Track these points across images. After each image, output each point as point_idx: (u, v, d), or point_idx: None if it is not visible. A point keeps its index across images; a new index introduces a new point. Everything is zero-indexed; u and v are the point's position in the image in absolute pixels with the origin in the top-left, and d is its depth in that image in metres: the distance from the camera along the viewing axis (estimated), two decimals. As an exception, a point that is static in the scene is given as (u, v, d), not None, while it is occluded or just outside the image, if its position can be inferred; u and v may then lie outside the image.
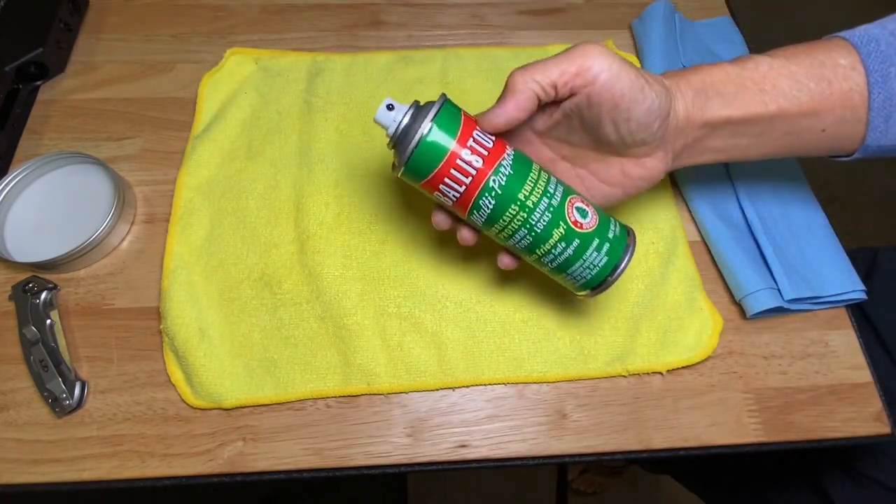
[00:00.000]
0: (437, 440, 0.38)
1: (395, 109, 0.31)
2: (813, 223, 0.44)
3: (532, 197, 0.31)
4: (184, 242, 0.42)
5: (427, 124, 0.30)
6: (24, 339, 0.38)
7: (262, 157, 0.46)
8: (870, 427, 0.39)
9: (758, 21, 1.74)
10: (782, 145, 0.35)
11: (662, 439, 0.38)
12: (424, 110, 0.31)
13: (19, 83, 0.48)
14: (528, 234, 0.32)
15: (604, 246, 0.33)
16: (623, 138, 0.32)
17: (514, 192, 0.31)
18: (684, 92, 0.33)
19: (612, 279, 0.33)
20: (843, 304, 0.42)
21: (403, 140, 0.31)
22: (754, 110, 0.33)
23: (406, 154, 0.30)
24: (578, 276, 0.33)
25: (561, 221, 0.32)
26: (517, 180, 0.31)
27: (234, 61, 0.51)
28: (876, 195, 1.40)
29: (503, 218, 0.32)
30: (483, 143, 0.31)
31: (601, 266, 0.33)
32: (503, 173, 0.31)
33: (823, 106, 0.33)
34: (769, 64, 0.33)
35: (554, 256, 0.33)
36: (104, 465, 0.36)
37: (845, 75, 0.32)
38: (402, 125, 0.31)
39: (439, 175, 0.31)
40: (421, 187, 0.32)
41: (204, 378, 0.38)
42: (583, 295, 0.35)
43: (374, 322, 0.40)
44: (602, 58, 0.30)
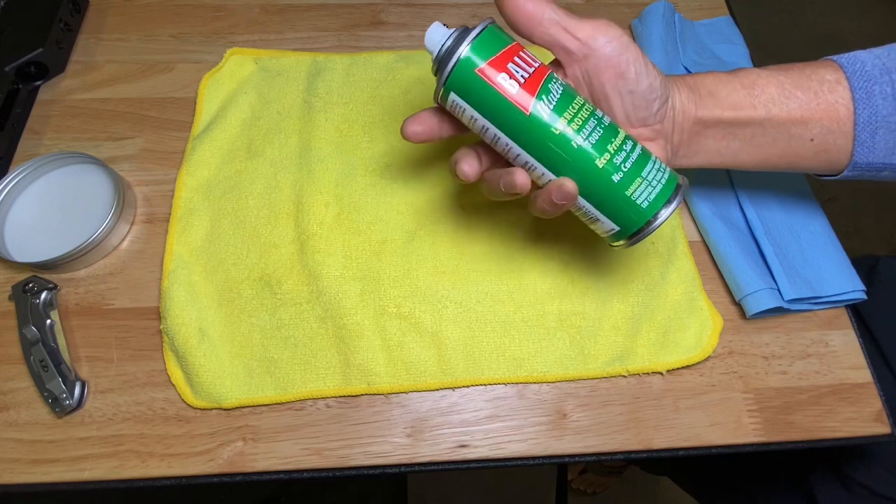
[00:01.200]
0: (437, 440, 0.38)
1: (444, 32, 0.31)
2: (813, 223, 0.44)
3: (588, 101, 0.32)
4: (184, 242, 0.42)
5: (481, 29, 0.30)
6: (24, 339, 0.38)
7: (262, 157, 0.46)
8: (870, 427, 0.39)
9: (758, 21, 1.74)
10: (773, 153, 0.36)
11: (662, 439, 0.38)
12: (468, 33, 0.30)
13: (19, 83, 0.48)
14: (598, 125, 0.31)
15: (660, 164, 0.32)
16: (627, 113, 0.33)
17: (573, 90, 0.31)
18: (680, 87, 0.34)
19: (670, 208, 0.31)
20: (843, 304, 0.42)
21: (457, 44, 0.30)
22: (744, 112, 0.34)
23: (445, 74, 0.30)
24: (650, 183, 0.31)
25: (619, 129, 0.32)
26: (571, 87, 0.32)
27: (234, 61, 0.51)
28: (876, 195, 1.40)
29: (574, 103, 0.31)
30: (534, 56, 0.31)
31: (668, 175, 0.32)
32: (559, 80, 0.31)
33: (811, 115, 0.34)
34: (758, 73, 0.35)
35: (626, 154, 0.31)
36: (104, 465, 0.36)
37: (831, 88, 0.34)
38: (452, 39, 0.31)
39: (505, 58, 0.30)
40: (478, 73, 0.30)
41: (204, 378, 0.38)
42: (619, 244, 0.33)
43: (374, 322, 0.40)
44: (613, 29, 0.32)
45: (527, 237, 0.44)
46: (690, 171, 0.46)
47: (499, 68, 0.30)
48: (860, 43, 0.37)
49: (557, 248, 0.43)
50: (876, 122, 0.33)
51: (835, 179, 0.37)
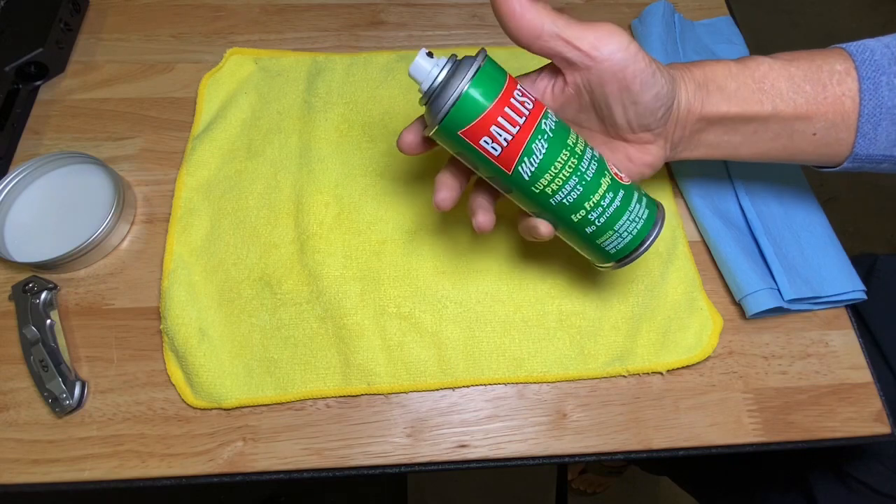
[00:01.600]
0: (437, 440, 0.38)
1: (434, 62, 0.30)
2: (813, 223, 0.44)
3: (579, 145, 0.32)
4: (184, 242, 0.42)
5: (470, 76, 0.29)
6: (24, 339, 0.38)
7: (262, 157, 0.46)
8: (870, 427, 0.39)
9: (758, 21, 1.74)
10: (774, 147, 0.36)
11: (662, 439, 0.38)
12: (465, 63, 0.30)
13: (19, 83, 0.48)
14: (579, 183, 0.31)
15: (643, 199, 0.33)
16: (629, 122, 0.33)
17: (563, 138, 0.31)
18: (687, 83, 0.34)
19: (644, 246, 0.33)
20: (843, 304, 0.42)
21: (443, 93, 0.29)
22: (751, 109, 0.34)
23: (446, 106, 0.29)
24: (620, 235, 0.33)
25: (606, 171, 0.32)
26: (563, 129, 0.31)
27: (234, 61, 0.51)
28: (876, 195, 1.40)
29: (555, 165, 0.31)
30: (527, 95, 0.31)
31: (644, 219, 0.33)
32: (552, 120, 0.31)
33: (817, 109, 0.34)
34: (769, 65, 0.34)
35: (602, 209, 0.32)
36: (104, 465, 0.36)
37: (840, 80, 0.33)
38: (441, 78, 0.30)
39: (485, 123, 0.29)
40: (461, 135, 0.30)
41: (204, 378, 0.38)
42: (607, 267, 0.35)
43: (374, 322, 0.40)
44: (620, 37, 0.31)
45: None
46: (691, 170, 0.46)
47: (482, 132, 0.30)
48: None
49: (558, 249, 0.43)
50: (880, 114, 0.33)
51: (833, 171, 0.37)
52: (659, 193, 0.46)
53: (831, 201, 1.38)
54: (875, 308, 0.46)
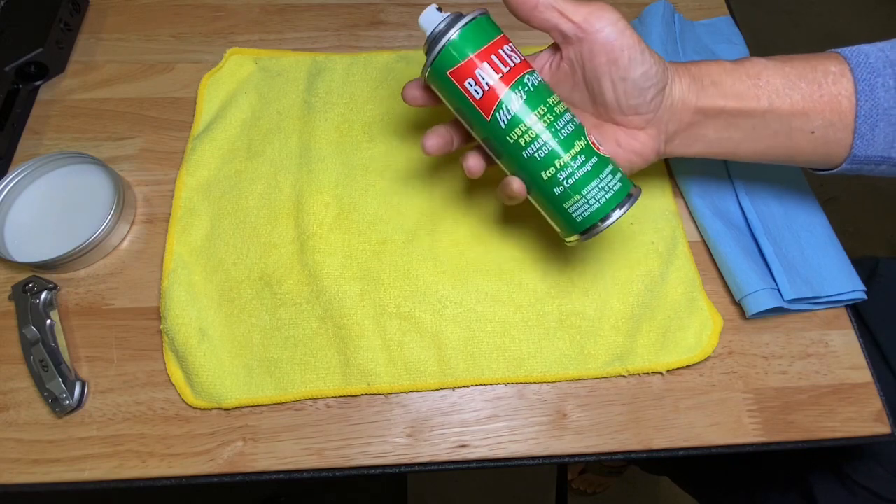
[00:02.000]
0: (437, 440, 0.38)
1: (440, 14, 0.33)
2: (813, 223, 0.44)
3: (558, 106, 0.33)
4: (184, 242, 0.42)
5: (464, 23, 0.31)
6: (24, 339, 0.38)
7: (262, 157, 0.46)
8: (870, 427, 0.39)
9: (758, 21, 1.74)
10: (773, 145, 0.36)
11: (662, 439, 0.38)
12: (464, 16, 0.32)
13: (19, 83, 0.48)
14: (552, 138, 0.32)
15: (617, 173, 0.33)
16: (619, 99, 0.33)
17: (543, 95, 0.32)
18: (682, 76, 0.34)
19: (609, 220, 0.33)
20: (843, 304, 0.42)
21: (440, 36, 0.32)
22: (747, 103, 0.34)
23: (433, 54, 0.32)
24: (588, 202, 0.33)
25: (582, 136, 0.33)
26: (545, 89, 0.33)
27: (234, 61, 0.51)
28: (876, 195, 1.40)
29: (530, 117, 0.32)
30: (516, 51, 0.33)
31: (615, 191, 0.33)
32: (536, 78, 0.33)
33: (813, 107, 0.34)
34: (764, 64, 0.35)
35: (572, 171, 0.32)
36: (104, 465, 0.36)
37: (835, 80, 0.34)
38: (442, 25, 0.32)
39: (471, 65, 0.32)
40: (449, 75, 0.32)
41: (204, 378, 0.38)
42: (573, 241, 0.35)
43: (374, 322, 0.40)
44: (610, 13, 0.32)
45: (527, 237, 0.44)
46: (691, 169, 0.46)
47: (467, 73, 0.32)
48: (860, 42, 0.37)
49: (558, 249, 0.43)
50: (877, 115, 0.33)
51: (832, 174, 0.37)
52: (659, 193, 0.46)
53: (831, 201, 1.38)
54: (877, 311, 0.46)
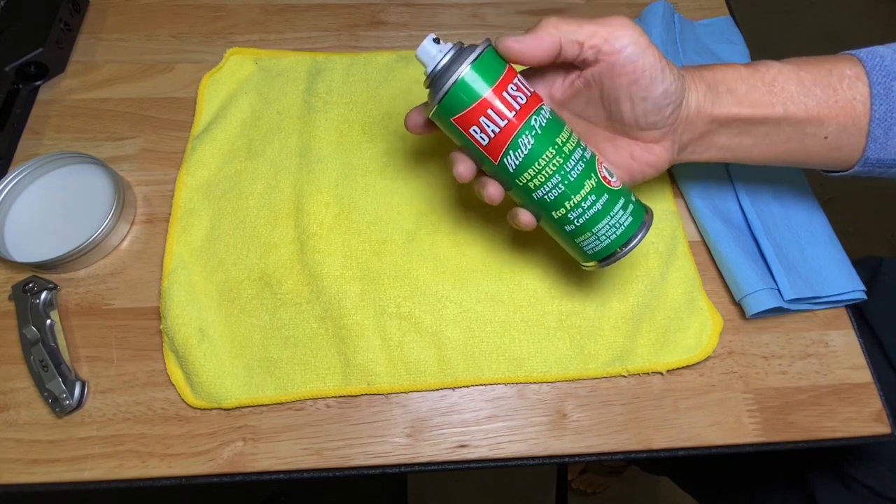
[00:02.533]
0: (437, 440, 0.38)
1: (439, 48, 0.31)
2: (813, 223, 0.44)
3: (568, 144, 0.32)
4: (184, 242, 0.42)
5: (466, 67, 0.30)
6: (24, 339, 0.38)
7: (262, 157, 0.46)
8: (870, 427, 0.39)
9: (758, 21, 1.74)
10: (785, 150, 0.36)
11: (662, 439, 0.38)
12: (466, 52, 0.31)
13: (19, 83, 0.48)
14: (562, 181, 0.32)
15: (629, 206, 0.33)
16: (637, 118, 0.33)
17: (552, 136, 0.31)
18: (697, 85, 0.34)
19: (624, 251, 0.33)
20: (843, 304, 0.42)
21: (440, 78, 0.31)
22: (762, 111, 0.34)
23: (441, 93, 0.31)
24: (598, 238, 0.33)
25: (592, 174, 0.32)
26: (555, 126, 0.32)
27: (234, 61, 0.51)
28: (876, 195, 1.40)
29: (539, 161, 0.31)
30: (523, 89, 0.31)
31: (625, 226, 0.33)
32: (544, 116, 0.32)
33: (828, 113, 0.34)
34: (779, 68, 0.34)
35: (583, 210, 0.32)
36: (104, 465, 0.36)
37: (850, 84, 0.33)
38: (442, 64, 0.31)
39: (475, 112, 0.31)
40: (454, 122, 0.32)
41: (204, 378, 0.38)
42: (590, 266, 0.35)
43: (374, 322, 0.40)
44: (632, 31, 0.31)
45: (527, 237, 0.44)
46: (691, 170, 0.46)
47: (472, 120, 0.31)
48: (860, 43, 0.37)
49: (558, 248, 0.43)
50: (891, 119, 0.33)
51: (843, 176, 0.37)
52: (659, 193, 0.46)
53: (831, 201, 1.38)
54: (879, 310, 0.46)
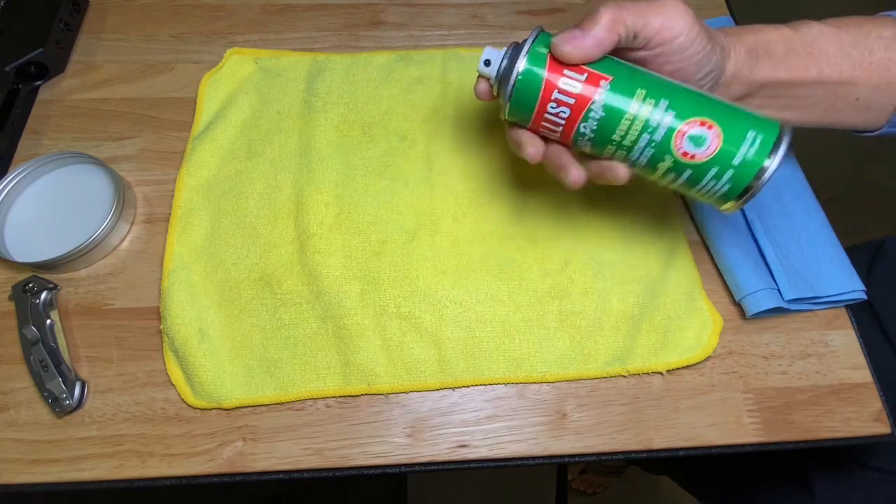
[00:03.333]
0: (437, 440, 0.38)
1: (494, 57, 0.32)
2: (813, 223, 0.44)
3: (628, 137, 0.31)
4: (184, 242, 0.42)
5: (524, 59, 0.31)
6: (24, 339, 0.38)
7: (262, 157, 0.46)
8: (870, 427, 0.39)
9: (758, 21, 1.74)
10: (817, 111, 0.36)
11: (662, 439, 0.38)
12: (522, 46, 0.31)
13: (19, 83, 0.48)
14: (648, 144, 0.30)
15: (725, 173, 0.30)
16: None
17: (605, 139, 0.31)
18: (737, 51, 0.34)
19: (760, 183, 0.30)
20: (843, 304, 0.42)
21: (506, 78, 0.31)
22: (797, 74, 0.34)
23: (509, 89, 0.31)
24: (707, 194, 0.32)
25: (667, 155, 0.31)
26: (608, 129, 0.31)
27: (234, 61, 0.51)
28: (876, 195, 1.40)
29: (616, 132, 0.31)
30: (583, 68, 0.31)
31: (727, 189, 0.31)
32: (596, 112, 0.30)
33: (861, 74, 0.34)
34: (820, 30, 0.35)
35: (670, 181, 0.32)
36: (104, 465, 0.36)
37: (886, 45, 0.34)
38: (504, 65, 0.32)
39: (545, 98, 0.31)
40: (532, 115, 0.32)
41: (204, 378, 0.38)
42: (728, 208, 0.32)
43: (374, 322, 0.40)
44: (684, 20, 0.31)
45: (527, 237, 0.44)
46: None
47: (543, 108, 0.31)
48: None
49: (558, 248, 0.43)
50: None
51: (871, 136, 0.38)
52: (660, 194, 0.46)
53: (831, 201, 1.38)
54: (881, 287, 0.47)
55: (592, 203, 0.45)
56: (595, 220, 0.44)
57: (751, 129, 0.30)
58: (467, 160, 0.47)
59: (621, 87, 0.30)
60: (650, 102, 0.30)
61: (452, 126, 0.48)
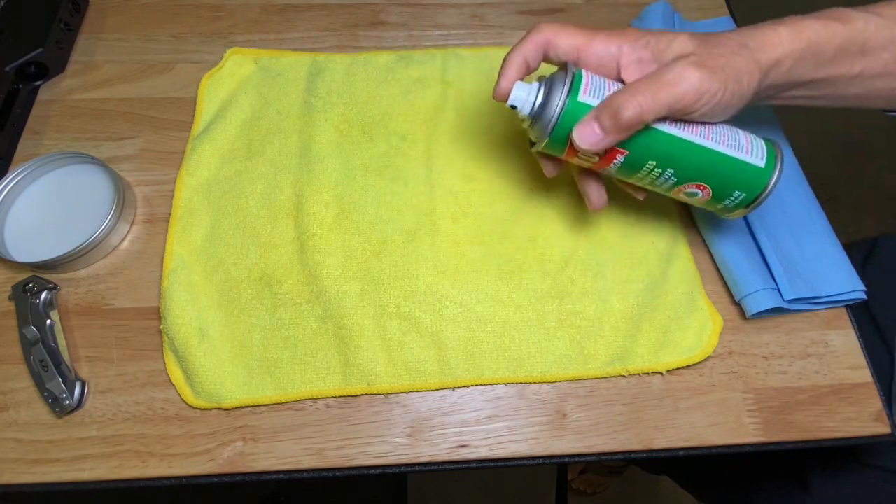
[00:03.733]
0: (437, 440, 0.38)
1: (527, 88, 0.34)
2: (813, 223, 0.44)
3: (646, 179, 0.35)
4: (184, 242, 0.42)
5: (564, 100, 0.32)
6: (24, 339, 0.38)
7: (262, 157, 0.46)
8: (870, 427, 0.39)
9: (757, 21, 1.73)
10: (848, 97, 0.36)
11: (662, 439, 0.38)
12: (559, 85, 0.33)
13: (19, 83, 0.48)
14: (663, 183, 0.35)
15: (709, 209, 0.37)
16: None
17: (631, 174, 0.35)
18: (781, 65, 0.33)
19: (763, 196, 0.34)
20: (843, 303, 0.42)
21: (542, 115, 0.33)
22: (840, 70, 0.34)
23: (549, 128, 0.33)
24: (724, 210, 0.37)
25: (668, 197, 0.37)
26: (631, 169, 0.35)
27: (234, 61, 0.51)
28: (876, 195, 1.40)
29: (635, 177, 0.35)
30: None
31: (739, 202, 0.35)
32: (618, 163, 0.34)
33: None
34: (876, 24, 0.33)
35: (698, 195, 0.36)
36: (104, 465, 0.36)
37: None
38: (539, 102, 0.33)
39: (572, 151, 0.34)
40: (566, 149, 0.34)
41: (204, 378, 0.38)
42: (737, 215, 0.37)
43: (374, 322, 0.40)
44: (701, 85, 0.30)
45: (527, 237, 0.44)
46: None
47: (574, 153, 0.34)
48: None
49: (558, 248, 0.43)
50: None
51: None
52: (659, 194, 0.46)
53: (831, 201, 1.38)
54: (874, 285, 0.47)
55: (592, 203, 0.45)
56: (595, 220, 0.44)
57: (737, 189, 0.35)
58: (467, 160, 0.47)
59: (633, 162, 0.34)
60: (657, 172, 0.34)
61: (452, 126, 0.48)
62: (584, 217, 0.44)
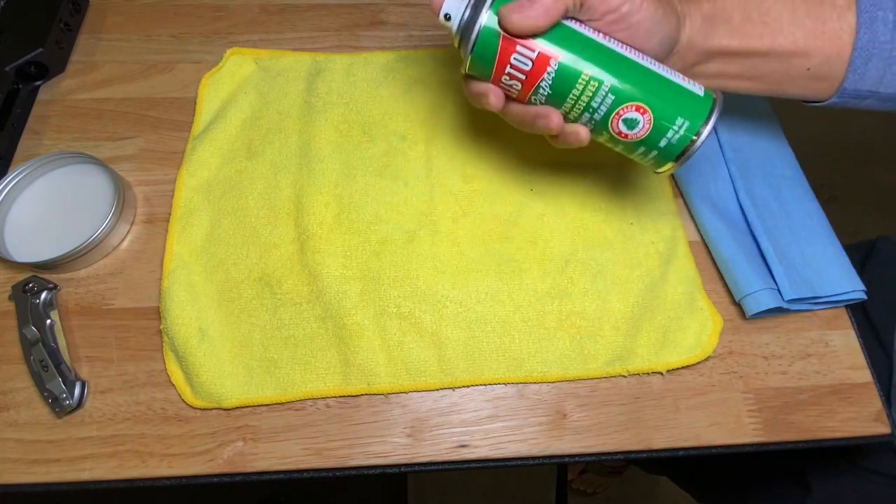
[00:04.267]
0: (437, 440, 0.38)
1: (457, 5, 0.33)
2: (813, 223, 0.44)
3: (573, 111, 0.33)
4: (184, 242, 0.42)
5: (486, 14, 0.31)
6: (24, 339, 0.38)
7: (262, 157, 0.46)
8: (870, 427, 0.39)
9: None
10: (766, 81, 0.36)
11: (662, 439, 0.38)
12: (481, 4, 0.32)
13: (19, 83, 0.48)
14: (591, 118, 0.34)
15: (651, 151, 0.34)
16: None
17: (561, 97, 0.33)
18: (693, 19, 0.34)
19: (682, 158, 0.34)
20: (843, 303, 0.42)
21: (469, 27, 0.32)
22: (752, 43, 0.35)
23: (470, 45, 0.32)
24: (641, 161, 0.36)
25: (604, 130, 0.34)
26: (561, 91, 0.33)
27: (234, 61, 0.51)
28: (876, 195, 1.40)
29: (568, 99, 0.33)
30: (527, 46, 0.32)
31: (654, 161, 0.35)
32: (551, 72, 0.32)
33: (814, 44, 0.34)
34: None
35: (610, 147, 0.36)
36: (104, 465, 0.36)
37: (840, 15, 0.34)
38: (468, 14, 0.32)
39: (503, 61, 0.32)
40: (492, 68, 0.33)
41: (204, 378, 0.38)
42: (665, 170, 0.36)
43: (374, 322, 0.40)
44: None
45: (527, 237, 0.44)
46: (692, 170, 0.46)
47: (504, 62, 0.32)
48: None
49: (557, 248, 0.43)
50: (872, 48, 0.34)
51: (820, 106, 0.38)
52: (659, 193, 0.46)
53: (831, 201, 1.38)
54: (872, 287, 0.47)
55: (592, 203, 0.45)
56: (595, 220, 0.44)
57: (679, 116, 0.32)
58: (467, 160, 0.47)
59: (567, 70, 0.32)
60: (593, 85, 0.32)
61: (452, 126, 0.48)
62: (585, 217, 0.45)
